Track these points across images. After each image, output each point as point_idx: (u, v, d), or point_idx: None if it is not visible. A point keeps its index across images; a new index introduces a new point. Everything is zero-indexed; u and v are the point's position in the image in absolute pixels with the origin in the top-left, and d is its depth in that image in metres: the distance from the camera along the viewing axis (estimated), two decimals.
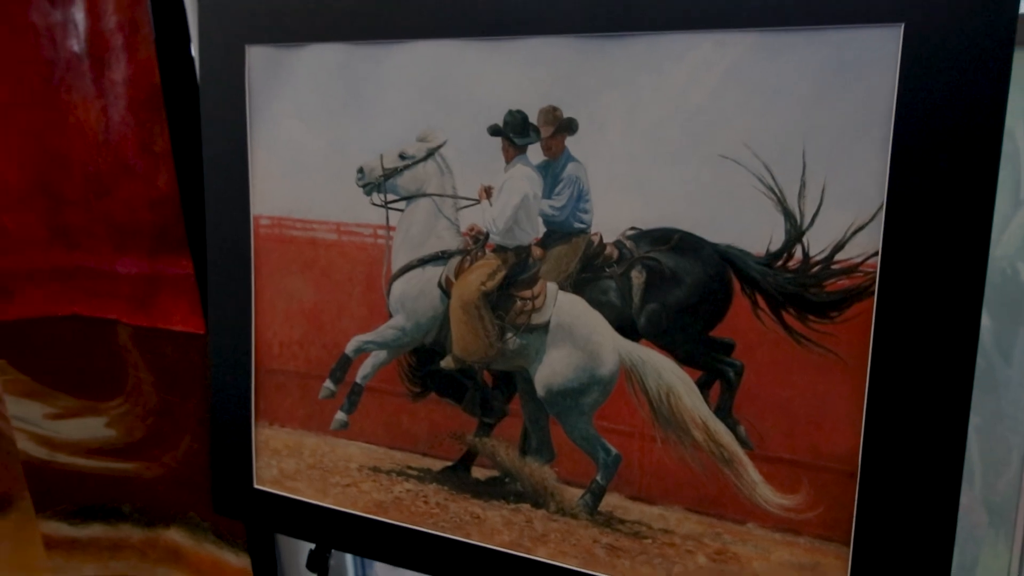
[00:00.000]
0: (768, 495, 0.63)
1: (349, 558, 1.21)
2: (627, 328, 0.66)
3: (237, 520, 1.04)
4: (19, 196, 1.12)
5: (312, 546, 0.89)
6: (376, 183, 0.76)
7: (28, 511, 1.29)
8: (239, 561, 1.18)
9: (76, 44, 1.03)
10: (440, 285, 0.75)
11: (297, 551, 1.16)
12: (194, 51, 0.98)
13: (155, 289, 1.11)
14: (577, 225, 0.67)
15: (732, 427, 0.63)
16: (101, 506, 1.29)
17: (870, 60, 0.54)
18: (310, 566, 0.87)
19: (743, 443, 0.63)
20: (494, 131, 0.69)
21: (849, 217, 0.57)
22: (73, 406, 1.24)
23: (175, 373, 1.14)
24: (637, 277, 0.65)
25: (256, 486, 0.87)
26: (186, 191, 1.01)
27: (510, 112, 0.68)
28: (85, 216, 1.12)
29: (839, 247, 0.57)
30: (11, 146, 1.11)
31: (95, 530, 1.30)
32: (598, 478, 0.70)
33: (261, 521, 0.91)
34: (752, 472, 0.63)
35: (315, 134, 0.79)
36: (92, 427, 1.25)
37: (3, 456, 1.25)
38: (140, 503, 1.26)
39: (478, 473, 0.76)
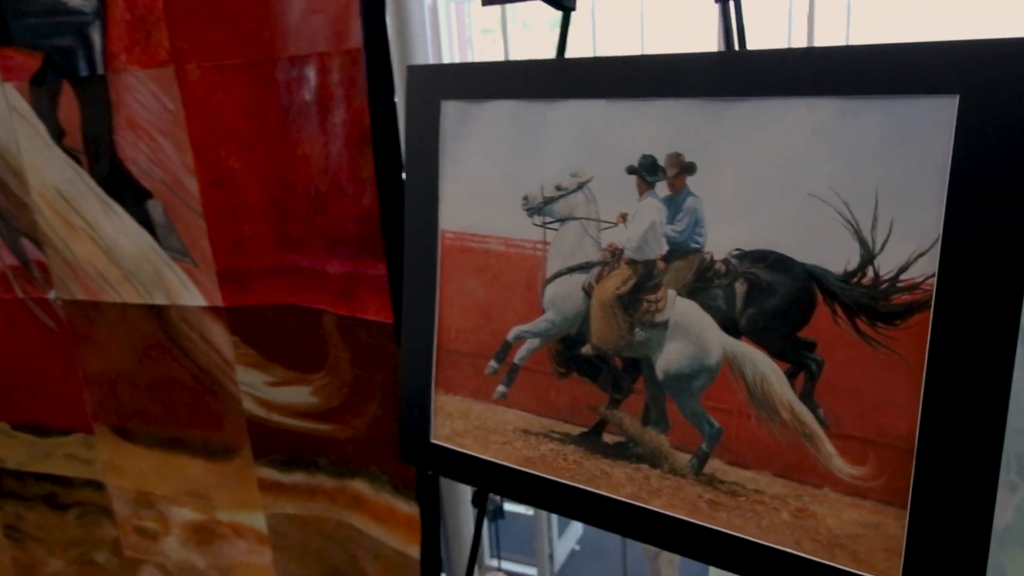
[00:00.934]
0: (841, 465, 0.70)
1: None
2: (730, 327, 0.75)
3: (419, 467, 1.15)
4: (257, 211, 1.26)
5: (472, 490, 1.03)
6: (537, 208, 0.86)
7: (248, 458, 1.43)
8: (409, 508, 1.28)
9: (307, 94, 1.15)
10: (584, 289, 0.84)
11: (456, 505, 1.31)
12: (397, 99, 1.12)
13: (355, 286, 1.22)
14: (693, 246, 0.76)
15: (813, 409, 0.71)
16: (303, 458, 1.40)
17: (931, 123, 0.63)
18: (474, 503, 1.01)
19: (821, 422, 0.71)
20: (630, 170, 0.79)
21: (912, 246, 0.64)
22: (287, 376, 1.36)
23: (367, 353, 1.25)
24: (740, 287, 0.74)
25: (432, 441, 0.98)
26: (384, 208, 1.15)
27: (643, 156, 0.77)
28: (305, 227, 1.24)
29: (903, 269, 0.65)
30: (254, 173, 1.24)
31: (297, 477, 1.41)
32: (703, 446, 0.78)
33: (435, 468, 1.02)
34: (828, 446, 0.71)
35: (491, 169, 0.89)
36: (300, 394, 1.36)
37: (232, 414, 1.40)
38: (333, 458, 1.37)
39: (607, 438, 0.84)
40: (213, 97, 1.23)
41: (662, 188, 0.78)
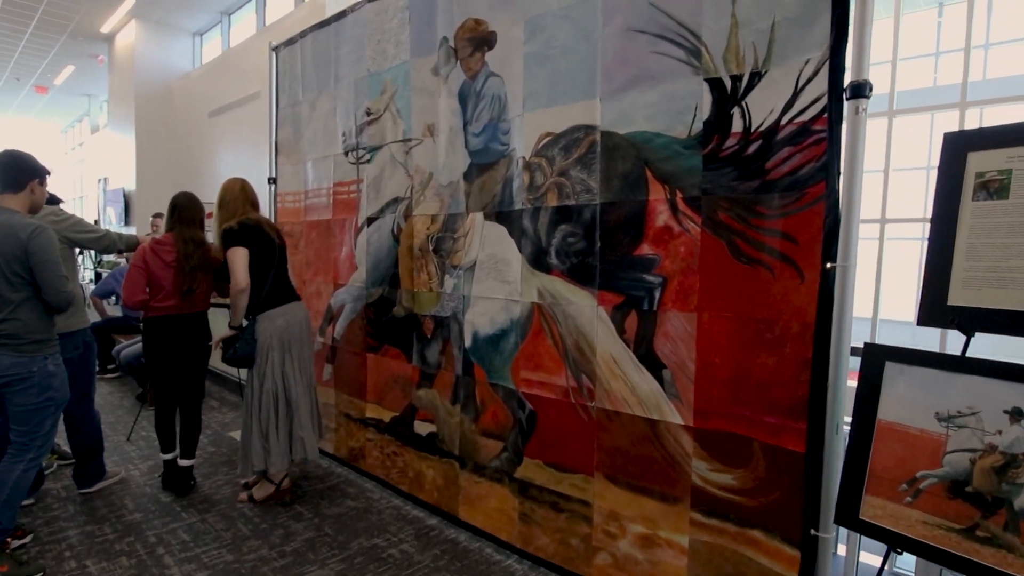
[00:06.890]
0: None
1: None
2: None
3: (851, 530, 1.42)
4: (724, 384, 1.66)
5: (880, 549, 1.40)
6: (945, 419, 1.32)
7: (687, 506, 1.76)
8: (791, 552, 1.57)
9: (770, 336, 1.60)
10: (970, 460, 1.29)
11: (825, 557, 1.62)
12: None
13: (781, 431, 1.58)
14: None
15: None
16: (719, 512, 1.70)
17: None
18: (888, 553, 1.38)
19: None
20: (1005, 411, 1.25)
21: None
22: (720, 468, 1.69)
23: (779, 466, 1.58)
24: None
25: (861, 517, 1.34)
26: (812, 398, 1.54)
27: (1015, 407, 1.24)
28: (752, 398, 1.62)
29: None
30: (727, 367, 1.65)
31: (713, 522, 1.71)
32: None
33: (862, 532, 1.35)
34: None
35: (913, 395, 1.37)
36: (725, 479, 1.67)
37: (683, 481, 1.76)
38: (739, 516, 1.67)
39: (979, 534, 1.19)
40: (713, 329, 1.71)
41: None
